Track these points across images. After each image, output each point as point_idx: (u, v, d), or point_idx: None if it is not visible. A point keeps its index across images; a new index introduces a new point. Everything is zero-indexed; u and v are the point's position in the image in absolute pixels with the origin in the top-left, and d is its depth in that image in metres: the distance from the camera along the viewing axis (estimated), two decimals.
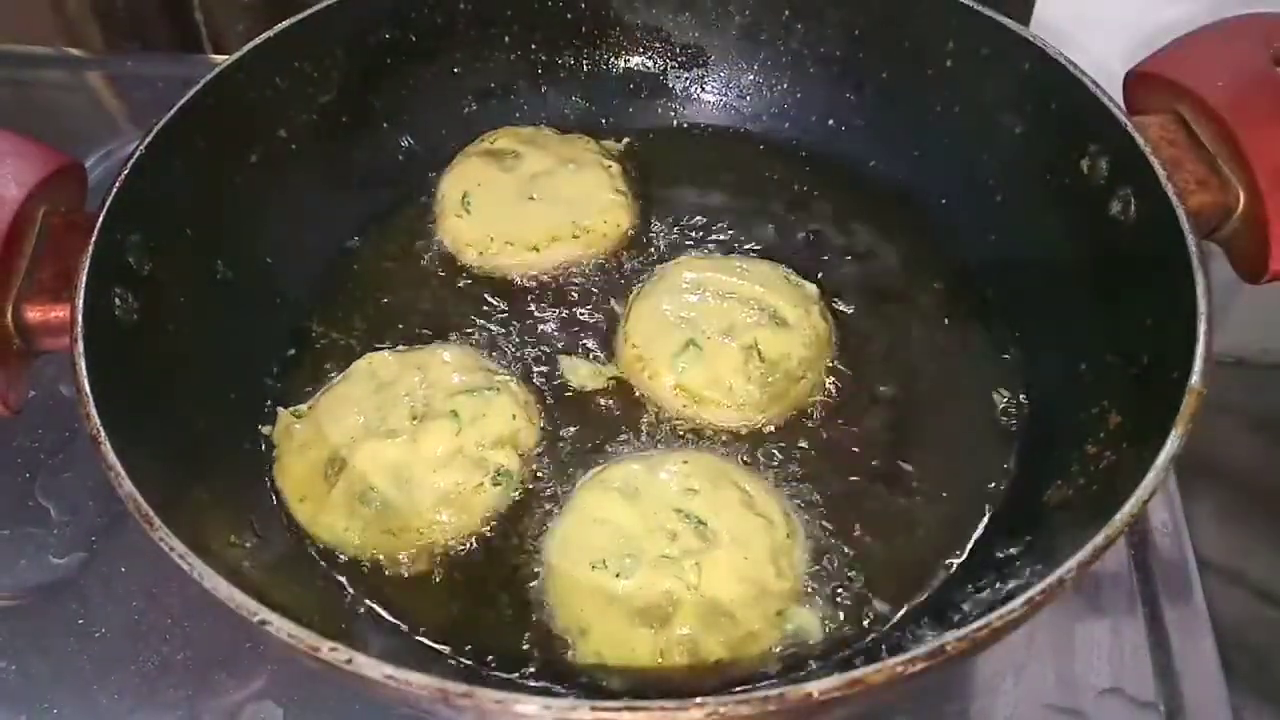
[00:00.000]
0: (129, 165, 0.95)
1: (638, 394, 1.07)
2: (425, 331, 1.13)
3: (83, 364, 0.83)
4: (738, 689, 0.84)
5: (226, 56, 1.09)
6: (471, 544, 0.97)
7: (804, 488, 1.00)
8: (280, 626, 0.69)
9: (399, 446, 0.97)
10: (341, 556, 0.96)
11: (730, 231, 1.21)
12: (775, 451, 1.02)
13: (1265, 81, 0.98)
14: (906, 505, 0.99)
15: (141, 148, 0.97)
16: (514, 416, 1.01)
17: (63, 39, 1.76)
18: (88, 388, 0.81)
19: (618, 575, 0.89)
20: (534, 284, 1.17)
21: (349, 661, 0.67)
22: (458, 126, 1.29)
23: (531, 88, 1.32)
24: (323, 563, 0.96)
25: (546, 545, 0.94)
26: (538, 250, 1.17)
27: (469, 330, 1.13)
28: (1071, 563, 0.72)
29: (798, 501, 0.98)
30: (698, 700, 0.64)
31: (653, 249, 1.20)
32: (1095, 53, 1.27)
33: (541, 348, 1.11)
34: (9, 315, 0.90)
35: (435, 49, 1.26)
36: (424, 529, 0.96)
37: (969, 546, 0.96)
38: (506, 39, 1.29)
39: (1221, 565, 1.27)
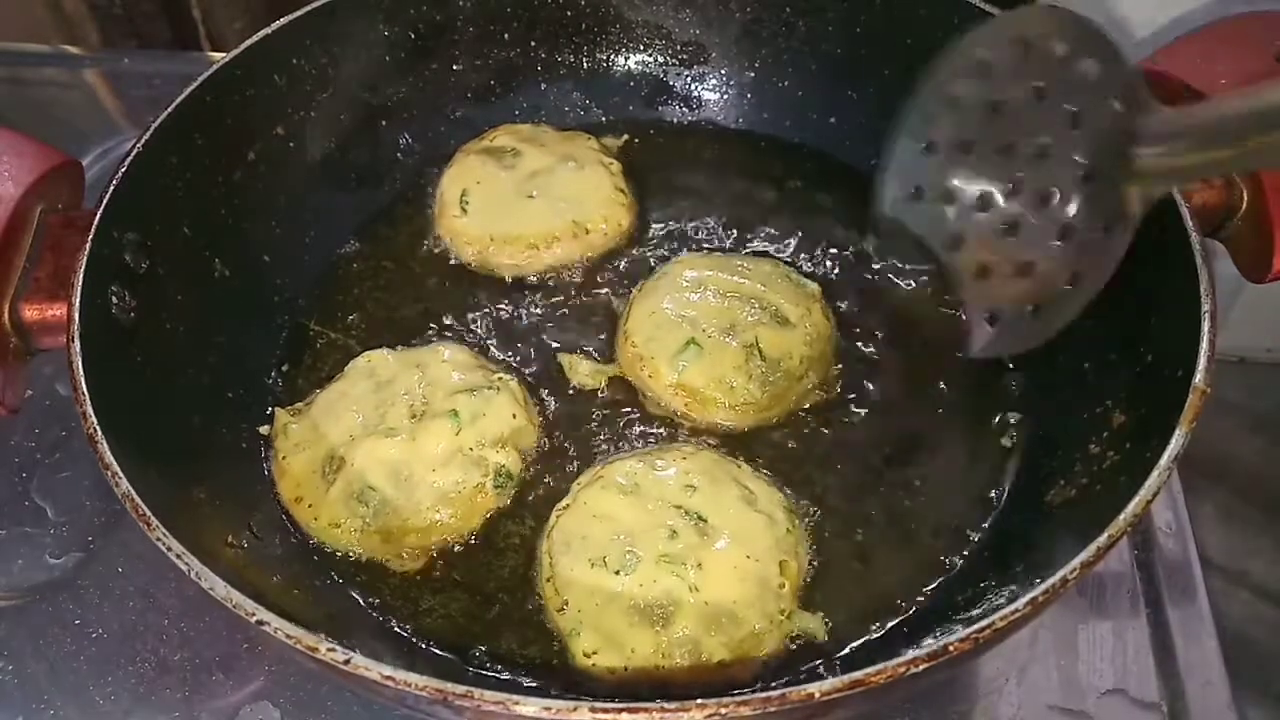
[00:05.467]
0: (126, 163, 0.95)
1: (638, 393, 1.06)
2: (424, 330, 1.12)
3: (80, 363, 0.82)
4: (739, 690, 0.84)
5: (224, 54, 1.09)
6: (471, 543, 0.97)
7: (805, 486, 0.99)
8: (278, 627, 0.69)
9: (398, 445, 0.97)
10: (339, 556, 0.96)
11: (731, 229, 1.21)
12: (776, 450, 1.02)
13: (1268, 79, 0.97)
14: (909, 505, 0.99)
15: (139, 146, 0.97)
16: (514, 415, 1.00)
17: (60, 36, 1.76)
18: (85, 387, 0.81)
19: (617, 572, 0.89)
20: (534, 282, 1.17)
21: (347, 662, 0.67)
22: (457, 124, 1.28)
23: (531, 85, 1.32)
24: (321, 562, 0.96)
25: (546, 544, 0.94)
26: (537, 248, 1.17)
27: (468, 329, 1.13)
28: (1074, 563, 0.72)
29: (799, 500, 0.98)
30: (698, 701, 0.64)
31: (653, 247, 1.19)
32: None
33: (541, 346, 1.11)
34: (6, 314, 0.89)
35: (434, 46, 1.25)
36: (423, 528, 0.96)
37: (971, 546, 0.96)
38: (506, 36, 1.29)
39: (1224, 565, 1.27)
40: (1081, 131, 0.80)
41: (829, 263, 1.17)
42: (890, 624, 0.91)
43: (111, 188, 0.93)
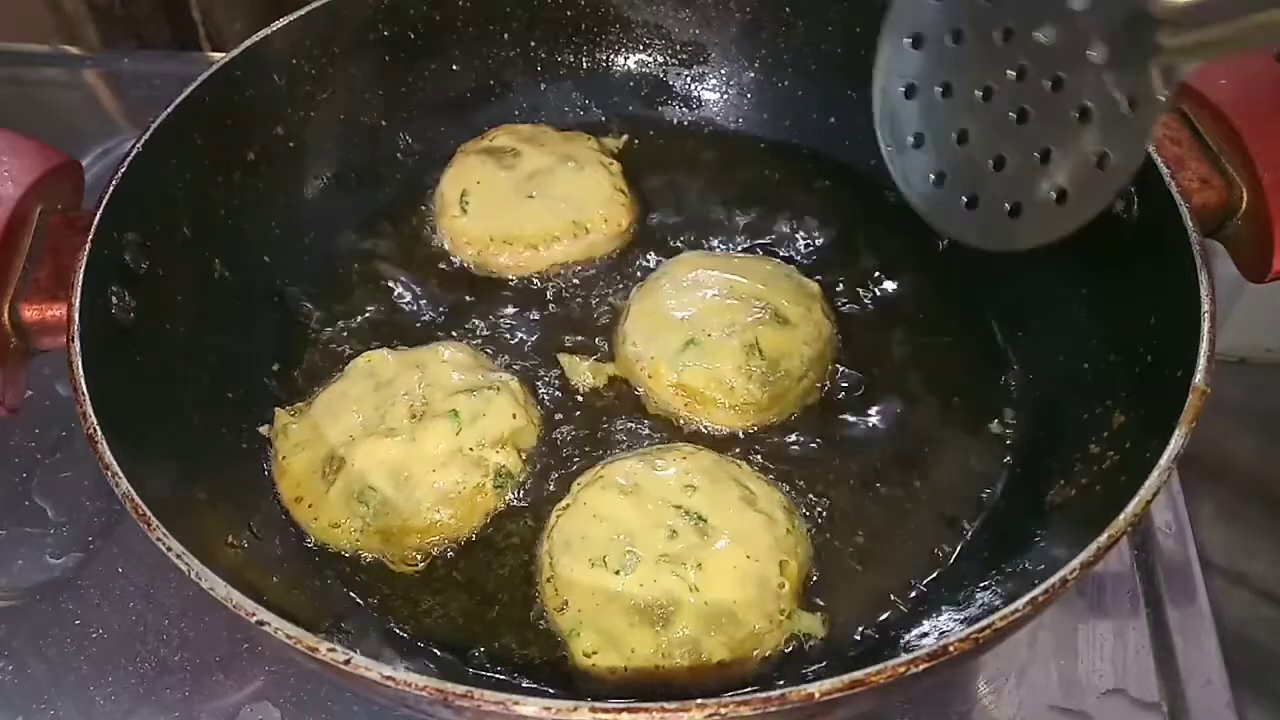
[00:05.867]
0: (126, 163, 0.95)
1: (638, 392, 1.06)
2: (424, 330, 1.12)
3: (79, 363, 0.82)
4: (739, 690, 0.84)
5: (224, 54, 1.09)
6: (471, 543, 0.97)
7: (805, 486, 0.99)
8: (278, 627, 0.69)
9: (398, 445, 0.97)
10: (340, 556, 0.96)
11: (731, 229, 1.21)
12: (776, 450, 1.02)
13: (1268, 79, 0.98)
14: (909, 505, 0.99)
15: (139, 146, 0.97)
16: (514, 415, 1.00)
17: (60, 37, 1.76)
18: (84, 387, 0.81)
19: (617, 572, 0.89)
20: (534, 282, 1.16)
21: (347, 662, 0.67)
22: (456, 124, 1.28)
23: (531, 85, 1.32)
24: (321, 562, 0.96)
25: (546, 544, 0.94)
26: (537, 249, 1.17)
27: (468, 329, 1.13)
28: (1074, 563, 0.71)
29: (798, 500, 0.98)
30: (698, 701, 0.64)
31: (653, 247, 1.19)
32: None
33: (541, 346, 1.11)
34: (6, 314, 0.89)
35: (433, 46, 1.25)
36: (423, 528, 0.96)
37: (971, 546, 0.96)
38: (505, 36, 1.29)
39: (1224, 566, 1.27)
40: (1093, 14, 0.72)
41: (829, 263, 1.17)
42: (890, 624, 0.91)
43: (111, 188, 0.93)
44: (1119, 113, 0.71)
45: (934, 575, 0.94)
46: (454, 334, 1.12)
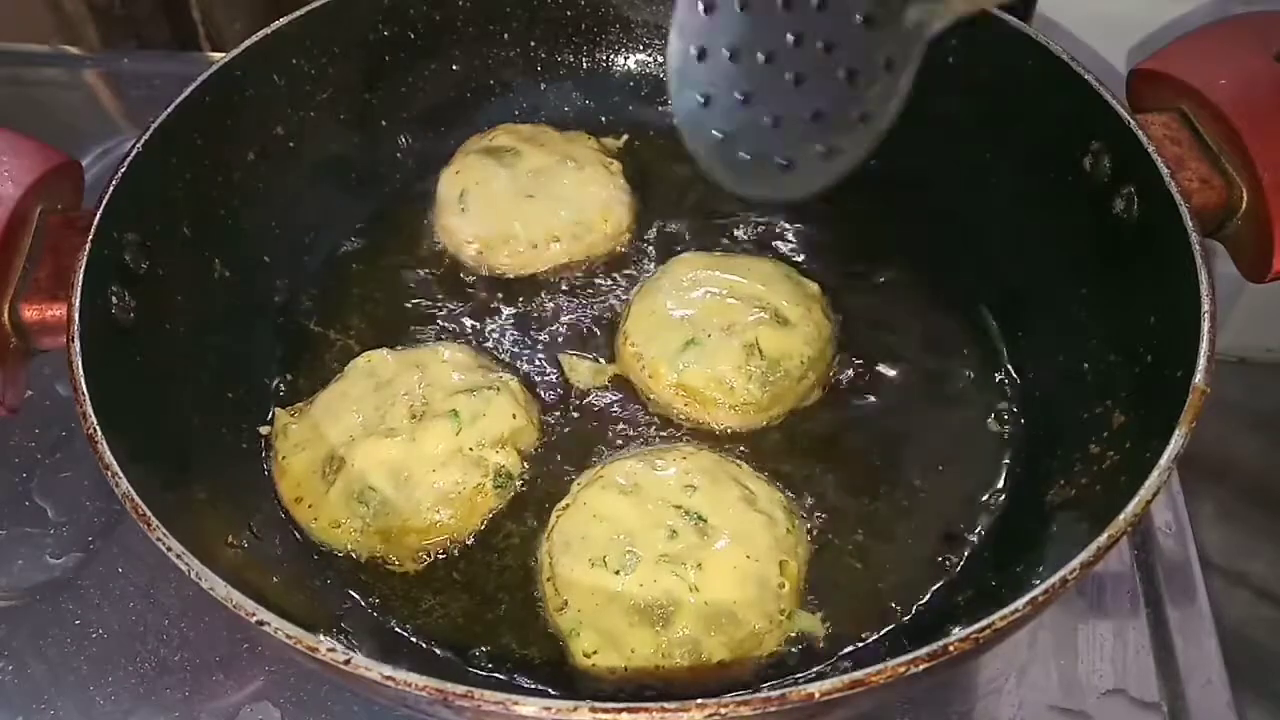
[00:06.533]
0: (126, 163, 0.95)
1: (638, 392, 1.06)
2: (424, 330, 1.13)
3: (79, 363, 0.83)
4: (739, 690, 0.84)
5: (224, 54, 1.09)
6: (471, 543, 0.97)
7: (805, 486, 0.99)
8: (278, 627, 0.69)
9: (398, 445, 0.97)
10: (339, 556, 0.96)
11: (731, 229, 1.21)
12: (776, 450, 1.02)
13: (1268, 79, 0.98)
14: (908, 505, 0.99)
15: (138, 146, 0.97)
16: (514, 416, 1.00)
17: (60, 37, 1.76)
18: (84, 387, 0.81)
19: (617, 572, 0.89)
20: (533, 282, 1.17)
21: (347, 662, 0.67)
22: (456, 124, 1.28)
23: (531, 85, 1.32)
24: (321, 562, 0.96)
25: (546, 544, 0.94)
26: (537, 248, 1.17)
27: (468, 329, 1.13)
28: (1074, 563, 0.72)
29: (798, 500, 0.98)
30: (698, 701, 0.64)
31: (653, 247, 1.19)
32: (1098, 50, 1.27)
33: (541, 346, 1.11)
34: (6, 314, 0.89)
35: (434, 46, 1.25)
36: (423, 528, 0.96)
37: (971, 546, 0.96)
38: (505, 36, 1.29)
39: (1224, 566, 1.27)
40: None
41: (829, 263, 1.17)
42: (890, 624, 0.91)
43: (111, 188, 0.93)
44: (878, 73, 0.81)
45: (933, 574, 0.94)
46: (454, 334, 1.12)
